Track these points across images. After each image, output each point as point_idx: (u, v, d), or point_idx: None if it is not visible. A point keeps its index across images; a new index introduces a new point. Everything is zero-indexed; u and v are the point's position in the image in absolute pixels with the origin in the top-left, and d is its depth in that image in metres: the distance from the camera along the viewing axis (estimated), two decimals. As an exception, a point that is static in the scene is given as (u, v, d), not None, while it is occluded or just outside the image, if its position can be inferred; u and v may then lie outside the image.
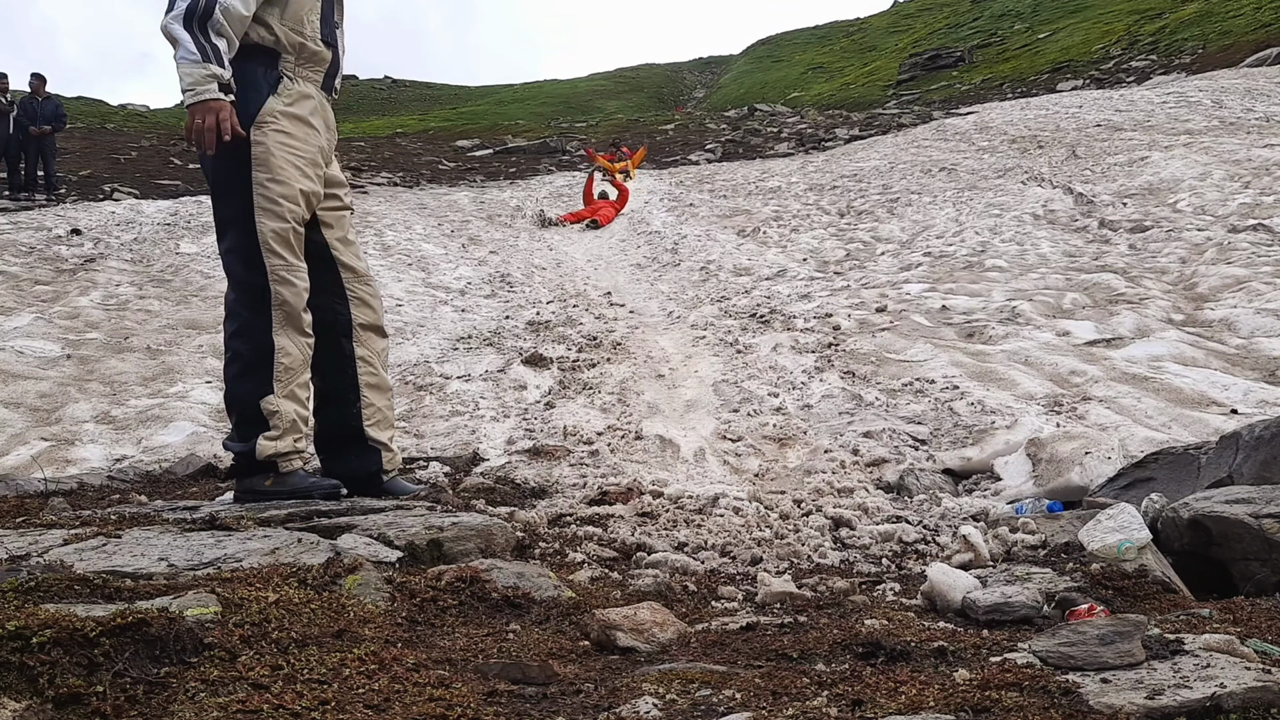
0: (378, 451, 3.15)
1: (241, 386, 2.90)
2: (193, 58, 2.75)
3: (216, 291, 8.33)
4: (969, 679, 1.43)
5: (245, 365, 2.89)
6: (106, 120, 29.59)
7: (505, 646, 1.73)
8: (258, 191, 2.86)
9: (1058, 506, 2.96)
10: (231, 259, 2.92)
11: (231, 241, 2.91)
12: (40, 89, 15.92)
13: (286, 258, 2.91)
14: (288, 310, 2.89)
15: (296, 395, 2.94)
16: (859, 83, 43.31)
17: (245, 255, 2.88)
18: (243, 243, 2.88)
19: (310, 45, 2.98)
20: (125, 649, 1.35)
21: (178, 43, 2.76)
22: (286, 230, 2.89)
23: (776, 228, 11.60)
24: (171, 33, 2.76)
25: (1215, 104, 15.85)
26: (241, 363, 2.89)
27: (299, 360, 2.94)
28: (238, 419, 2.93)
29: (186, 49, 2.75)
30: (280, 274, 2.89)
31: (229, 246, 2.93)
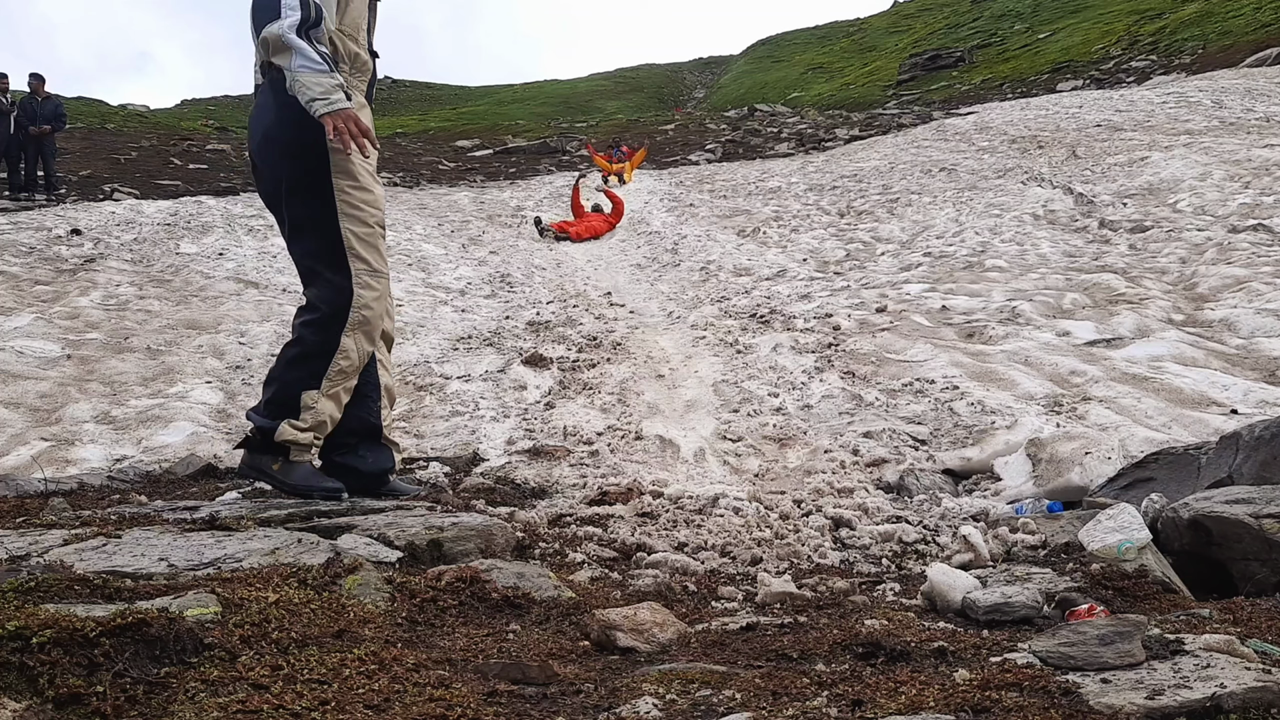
0: (390, 451, 3.21)
1: (290, 372, 2.96)
2: (318, 66, 2.80)
3: (217, 292, 8.34)
4: (969, 679, 1.43)
5: (304, 353, 2.95)
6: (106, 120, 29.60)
7: (505, 647, 1.73)
8: (340, 197, 2.94)
9: (1058, 507, 2.96)
10: (313, 260, 2.97)
11: (313, 244, 2.96)
12: (40, 89, 15.93)
13: (370, 261, 3.00)
14: (365, 314, 2.98)
15: (339, 398, 3.00)
16: (859, 83, 43.31)
17: (328, 258, 2.95)
18: (326, 246, 2.94)
19: (362, 55, 3.04)
20: (125, 649, 1.35)
21: (295, 52, 2.78)
22: (371, 235, 2.99)
23: (776, 228, 11.60)
24: (287, 41, 2.78)
25: (1215, 104, 15.85)
26: (301, 349, 2.95)
27: (355, 366, 3.01)
28: (271, 397, 2.97)
29: (308, 58, 2.79)
30: (364, 278, 2.97)
31: (309, 249, 2.97)
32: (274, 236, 11.78)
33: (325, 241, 2.94)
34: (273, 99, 2.92)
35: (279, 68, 2.85)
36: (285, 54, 2.78)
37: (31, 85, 15.92)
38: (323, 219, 2.93)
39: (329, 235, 2.94)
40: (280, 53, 2.79)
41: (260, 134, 3.01)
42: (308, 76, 2.77)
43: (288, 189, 2.95)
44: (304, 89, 2.76)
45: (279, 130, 2.93)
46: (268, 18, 2.78)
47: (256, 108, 3.04)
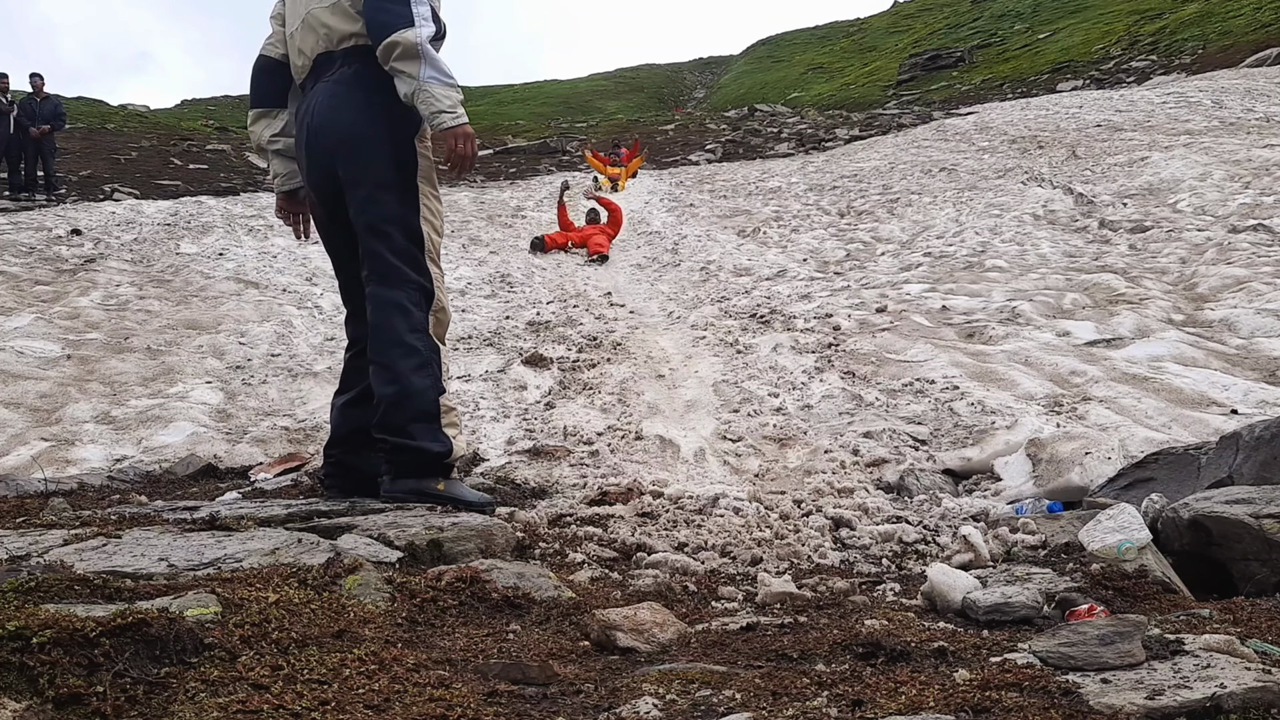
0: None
1: (420, 380, 2.86)
2: (449, 80, 2.81)
3: (217, 292, 8.34)
4: (969, 679, 1.43)
5: (423, 361, 2.89)
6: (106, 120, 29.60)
7: (505, 647, 1.73)
8: (423, 203, 2.95)
9: (1058, 507, 2.96)
10: (396, 257, 2.91)
11: (398, 241, 2.92)
12: (39, 89, 15.93)
13: (441, 268, 3.04)
14: (441, 319, 2.99)
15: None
16: (859, 83, 43.32)
17: (410, 257, 2.92)
18: (408, 246, 2.92)
19: None
20: (125, 649, 1.34)
21: (430, 62, 2.78)
22: (440, 245, 3.02)
23: (776, 228, 11.61)
24: (424, 51, 2.78)
25: (1215, 104, 15.85)
26: (420, 358, 2.88)
27: (449, 365, 3.04)
28: (413, 414, 2.84)
29: (442, 70, 2.80)
30: (438, 283, 2.99)
31: (393, 246, 2.91)
32: (274, 236, 11.78)
33: (410, 241, 2.93)
34: (359, 96, 2.89)
35: (364, 65, 2.86)
36: (415, 62, 2.76)
37: (33, 85, 15.93)
38: (408, 218, 2.93)
39: (414, 236, 2.94)
40: (409, 60, 2.77)
41: (340, 129, 2.91)
42: (438, 89, 2.77)
43: (378, 184, 2.90)
44: (433, 100, 2.76)
45: (372, 128, 2.89)
46: (400, 24, 2.75)
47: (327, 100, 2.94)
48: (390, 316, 2.88)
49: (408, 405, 2.85)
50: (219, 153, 22.96)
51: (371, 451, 3.02)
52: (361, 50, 2.91)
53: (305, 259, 10.39)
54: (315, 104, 2.97)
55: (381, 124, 2.90)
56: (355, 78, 2.91)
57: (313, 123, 2.97)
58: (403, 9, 2.77)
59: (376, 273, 2.92)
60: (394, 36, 2.75)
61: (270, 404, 5.31)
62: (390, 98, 2.88)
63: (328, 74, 2.97)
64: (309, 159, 3.03)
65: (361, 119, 2.90)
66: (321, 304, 8.08)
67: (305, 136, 3.01)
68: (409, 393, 2.85)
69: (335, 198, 3.00)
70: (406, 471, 2.88)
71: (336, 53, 2.95)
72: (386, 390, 2.86)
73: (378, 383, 2.88)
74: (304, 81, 3.08)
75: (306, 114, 3.01)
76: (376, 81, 2.90)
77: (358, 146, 2.90)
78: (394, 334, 2.87)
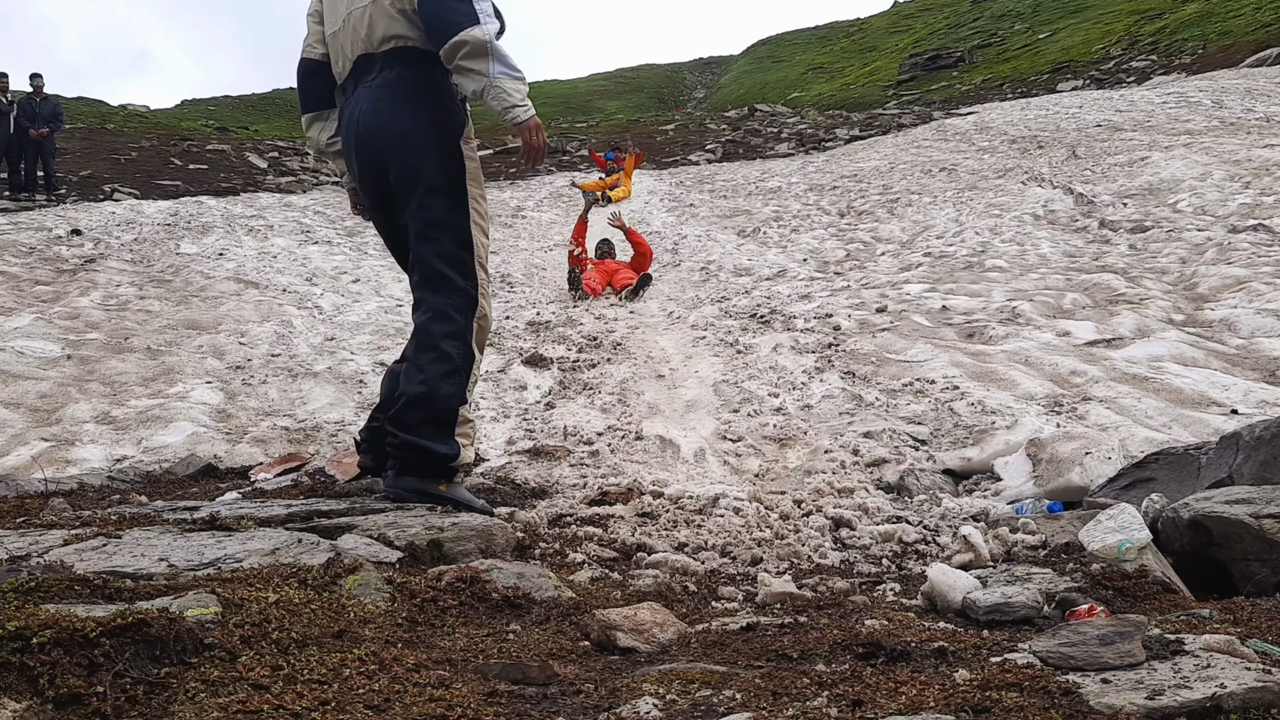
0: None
1: (447, 386, 2.88)
2: (518, 74, 2.83)
3: (217, 292, 8.33)
4: (969, 679, 1.43)
5: (454, 368, 2.90)
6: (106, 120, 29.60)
7: (505, 647, 1.73)
8: (472, 206, 2.96)
9: (1058, 507, 2.96)
10: (446, 263, 2.93)
11: (447, 246, 2.93)
12: (40, 89, 15.94)
13: (488, 273, 3.04)
14: (483, 325, 3.00)
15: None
16: (859, 83, 43.31)
17: (459, 263, 2.94)
18: (457, 252, 2.93)
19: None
20: (125, 649, 1.34)
21: (499, 58, 2.79)
22: (487, 247, 3.03)
23: (777, 228, 11.60)
24: (493, 47, 2.79)
25: (1215, 104, 15.84)
26: (451, 365, 2.90)
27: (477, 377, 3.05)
28: (428, 416, 2.86)
29: (511, 65, 2.81)
30: (484, 289, 3.00)
31: (443, 251, 2.93)
32: (274, 236, 11.78)
33: (460, 246, 2.94)
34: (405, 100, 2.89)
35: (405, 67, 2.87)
36: (484, 59, 2.77)
37: (33, 85, 15.94)
38: (457, 222, 2.93)
39: (464, 241, 2.94)
40: (478, 57, 2.76)
41: (388, 134, 2.91)
42: (509, 84, 2.78)
43: (428, 188, 2.91)
44: (505, 95, 2.78)
45: (420, 132, 2.90)
46: (466, 22, 2.75)
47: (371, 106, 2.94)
48: (432, 322, 2.92)
49: (426, 407, 2.86)
50: (219, 153, 22.96)
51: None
52: (402, 52, 2.91)
53: (305, 259, 10.39)
54: (360, 109, 2.97)
55: (430, 127, 2.91)
56: (399, 80, 2.91)
57: (359, 128, 2.98)
58: (466, 6, 2.76)
59: (425, 278, 2.95)
60: (461, 35, 2.74)
61: (270, 404, 5.31)
62: (436, 100, 2.91)
63: (367, 78, 2.96)
64: (358, 164, 3.04)
65: (409, 123, 2.90)
66: (321, 304, 8.08)
67: (353, 142, 3.02)
68: (431, 396, 2.86)
69: (387, 199, 3.02)
70: (411, 470, 2.89)
71: (376, 55, 2.94)
72: (411, 389, 2.88)
73: (406, 380, 2.92)
74: (344, 83, 3.07)
75: (351, 119, 3.02)
76: (421, 84, 2.91)
77: (407, 151, 2.90)
78: (431, 339, 2.90)
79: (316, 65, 3.15)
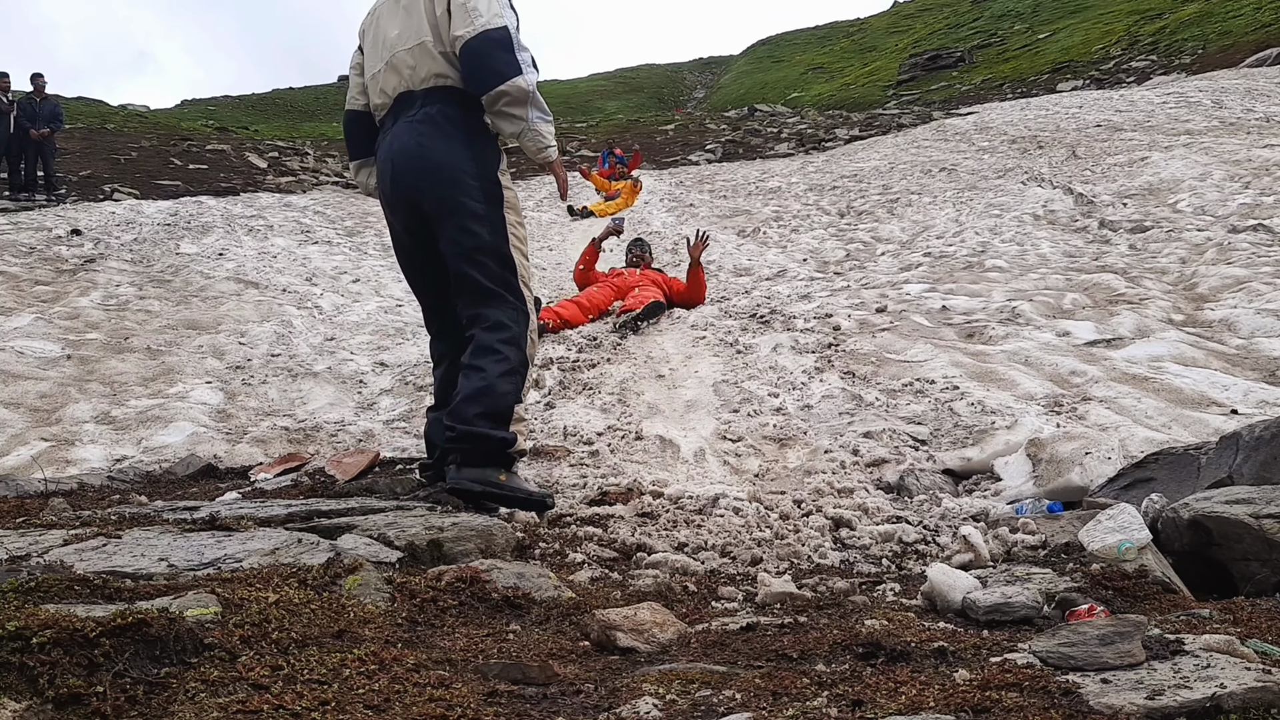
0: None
1: (504, 384, 3.03)
2: (549, 118, 3.11)
3: (217, 292, 8.33)
4: (969, 679, 1.43)
5: (511, 368, 3.06)
6: (106, 120, 29.59)
7: (505, 647, 1.73)
8: (512, 231, 3.16)
9: (1058, 507, 2.96)
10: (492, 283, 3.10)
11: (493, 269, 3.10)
12: (40, 89, 15.94)
13: (533, 291, 3.23)
14: (533, 338, 3.18)
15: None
16: (859, 83, 43.31)
17: (506, 283, 3.12)
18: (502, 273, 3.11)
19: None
20: (125, 649, 1.34)
21: (535, 104, 3.05)
22: (529, 267, 3.22)
23: (776, 228, 11.60)
24: (533, 97, 3.05)
25: (1215, 104, 15.84)
26: (509, 365, 3.05)
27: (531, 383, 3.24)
28: (486, 409, 2.99)
29: (544, 109, 3.09)
30: (530, 305, 3.18)
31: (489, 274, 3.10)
32: (274, 236, 11.78)
33: (503, 269, 3.11)
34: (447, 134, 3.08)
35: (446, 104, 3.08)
36: (524, 106, 3.03)
37: (34, 85, 15.95)
38: (499, 247, 3.11)
39: (507, 264, 3.12)
40: (519, 105, 3.02)
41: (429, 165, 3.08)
42: (543, 127, 3.06)
43: (471, 215, 3.07)
44: (540, 138, 3.06)
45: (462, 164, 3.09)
46: (510, 73, 2.98)
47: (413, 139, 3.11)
48: (487, 332, 3.08)
49: (484, 400, 3.00)
50: (219, 153, 22.95)
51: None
52: (442, 90, 3.11)
53: (305, 259, 10.39)
54: (399, 142, 3.15)
55: (470, 160, 3.10)
56: (441, 116, 3.10)
57: (397, 159, 3.15)
58: (511, 58, 3.00)
59: (474, 296, 3.12)
60: (505, 85, 2.99)
61: (270, 404, 5.31)
62: (475, 135, 3.12)
63: (407, 112, 3.15)
64: (394, 193, 3.21)
65: (451, 155, 3.09)
66: (321, 304, 8.08)
67: (390, 171, 3.18)
68: (489, 390, 3.00)
69: (422, 230, 3.18)
70: (472, 460, 3.00)
71: (417, 92, 3.14)
72: (469, 385, 3.03)
73: (465, 380, 3.06)
74: (383, 119, 3.27)
75: (388, 150, 3.19)
76: (461, 119, 3.11)
77: (449, 182, 3.08)
78: (487, 342, 3.07)
79: (360, 115, 3.41)
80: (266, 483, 3.64)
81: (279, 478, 3.73)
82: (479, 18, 2.99)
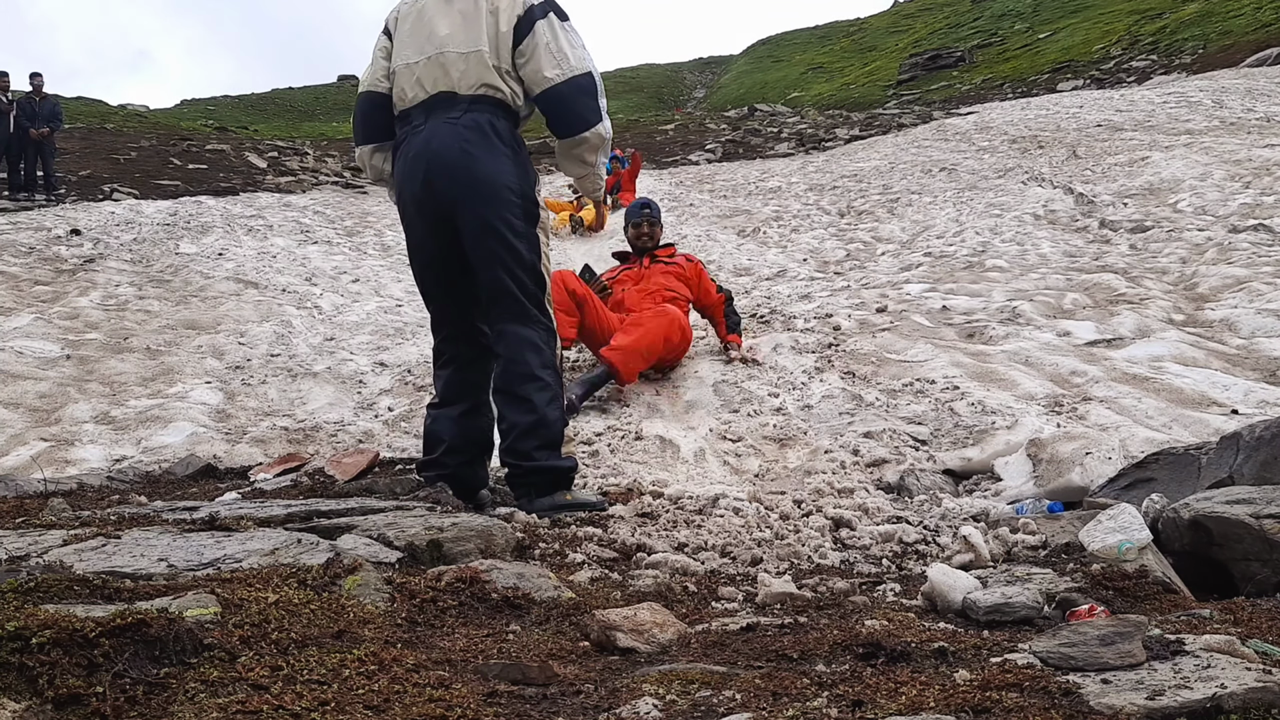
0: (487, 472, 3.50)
1: (553, 411, 3.14)
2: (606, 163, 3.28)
3: (216, 292, 8.33)
4: (969, 679, 1.43)
5: (555, 394, 3.17)
6: (106, 120, 29.58)
7: (505, 647, 1.72)
8: (545, 251, 3.24)
9: (1058, 507, 2.95)
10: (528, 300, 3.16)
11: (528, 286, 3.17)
12: (39, 88, 15.94)
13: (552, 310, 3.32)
14: (560, 354, 3.28)
15: None
16: (859, 83, 43.31)
17: (538, 301, 3.19)
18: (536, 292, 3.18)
19: None
20: (125, 649, 1.34)
21: (605, 151, 3.20)
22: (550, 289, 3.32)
23: (776, 228, 11.60)
24: (608, 144, 3.19)
25: (1216, 104, 15.84)
26: (552, 391, 3.16)
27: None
28: (543, 441, 3.11)
29: (608, 154, 3.25)
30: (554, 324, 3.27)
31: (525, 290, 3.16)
32: (274, 236, 11.78)
33: (537, 287, 3.18)
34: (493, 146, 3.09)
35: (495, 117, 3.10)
36: (597, 153, 3.14)
37: (33, 84, 15.94)
38: (535, 265, 3.17)
39: (540, 282, 3.19)
40: (594, 151, 3.14)
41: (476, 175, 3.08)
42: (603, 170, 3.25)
43: (514, 231, 3.12)
44: (598, 180, 3.25)
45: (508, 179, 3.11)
46: (594, 120, 3.10)
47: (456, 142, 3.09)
48: (525, 352, 3.12)
49: (541, 433, 3.10)
50: (218, 153, 22.95)
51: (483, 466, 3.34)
52: (491, 101, 3.11)
53: (305, 259, 10.39)
54: (439, 143, 3.10)
55: (516, 177, 3.13)
56: (489, 127, 3.10)
57: (434, 160, 3.10)
58: (595, 104, 3.10)
59: (510, 312, 3.14)
60: (588, 133, 3.10)
61: (270, 404, 5.31)
62: (518, 152, 3.15)
63: (448, 114, 3.11)
64: (426, 195, 3.14)
65: (499, 169, 3.10)
66: (321, 304, 8.08)
67: (424, 171, 3.11)
68: (544, 423, 3.11)
69: (450, 235, 3.16)
70: (544, 490, 3.12)
71: (462, 96, 3.11)
72: (523, 419, 3.10)
73: (515, 412, 3.12)
74: (410, 111, 3.19)
75: (424, 148, 3.12)
76: (507, 135, 3.14)
77: (493, 198, 3.10)
78: (528, 368, 3.10)
79: (383, 99, 3.33)
80: (266, 483, 3.64)
81: (279, 478, 3.73)
82: (567, 62, 3.05)
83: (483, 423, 3.32)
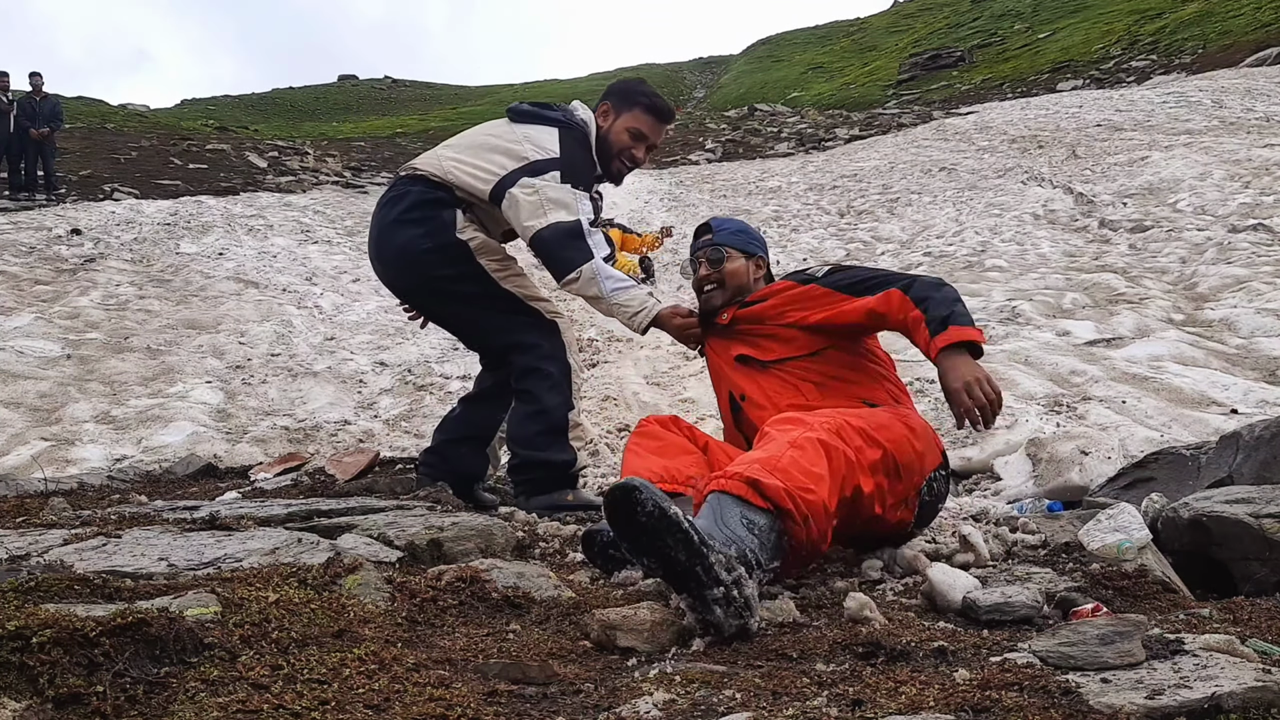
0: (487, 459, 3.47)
1: (554, 398, 3.12)
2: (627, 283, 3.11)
3: (217, 292, 8.34)
4: (969, 679, 1.43)
5: (554, 382, 3.14)
6: (106, 120, 29.58)
7: (505, 646, 1.72)
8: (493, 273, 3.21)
9: (1058, 506, 2.96)
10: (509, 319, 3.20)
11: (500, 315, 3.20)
12: (39, 88, 15.94)
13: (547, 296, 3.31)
14: (567, 337, 3.21)
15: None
16: (859, 83, 43.31)
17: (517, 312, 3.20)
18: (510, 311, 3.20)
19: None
20: (125, 649, 1.34)
21: (605, 279, 3.10)
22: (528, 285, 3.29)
23: (777, 227, 11.60)
24: (600, 273, 3.07)
25: (1215, 104, 15.84)
26: (553, 379, 3.14)
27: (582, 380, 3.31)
28: (543, 428, 3.11)
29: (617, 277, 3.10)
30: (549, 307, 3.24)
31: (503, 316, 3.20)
32: (274, 236, 11.78)
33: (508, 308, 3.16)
34: (401, 206, 3.12)
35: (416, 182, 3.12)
36: (594, 284, 3.03)
37: (32, 84, 15.94)
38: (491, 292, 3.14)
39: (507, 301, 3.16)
40: (591, 284, 3.03)
41: (391, 252, 3.16)
42: (624, 296, 3.01)
43: (448, 283, 3.14)
44: (624, 308, 3.01)
45: (419, 239, 3.10)
46: (581, 260, 3.00)
47: (378, 227, 3.19)
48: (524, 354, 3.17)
49: (540, 419, 3.11)
50: (219, 152, 22.96)
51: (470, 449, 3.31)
52: (415, 176, 3.16)
53: (305, 259, 10.40)
54: (371, 229, 3.28)
55: (422, 235, 3.11)
56: (397, 194, 3.15)
57: (369, 248, 3.31)
58: (583, 245, 3.02)
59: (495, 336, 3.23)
60: (573, 273, 3.04)
61: (270, 404, 5.31)
62: (425, 204, 3.11)
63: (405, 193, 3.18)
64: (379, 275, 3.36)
65: (403, 237, 3.12)
66: (321, 304, 8.08)
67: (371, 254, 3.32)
68: (542, 410, 3.11)
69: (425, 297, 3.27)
70: (542, 488, 3.11)
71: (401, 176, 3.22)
72: (523, 408, 3.14)
73: (517, 404, 3.17)
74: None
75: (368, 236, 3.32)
76: (416, 197, 3.12)
77: (408, 267, 3.16)
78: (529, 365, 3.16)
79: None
80: (266, 482, 3.65)
81: (279, 477, 3.73)
82: (553, 212, 3.04)
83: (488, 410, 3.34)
